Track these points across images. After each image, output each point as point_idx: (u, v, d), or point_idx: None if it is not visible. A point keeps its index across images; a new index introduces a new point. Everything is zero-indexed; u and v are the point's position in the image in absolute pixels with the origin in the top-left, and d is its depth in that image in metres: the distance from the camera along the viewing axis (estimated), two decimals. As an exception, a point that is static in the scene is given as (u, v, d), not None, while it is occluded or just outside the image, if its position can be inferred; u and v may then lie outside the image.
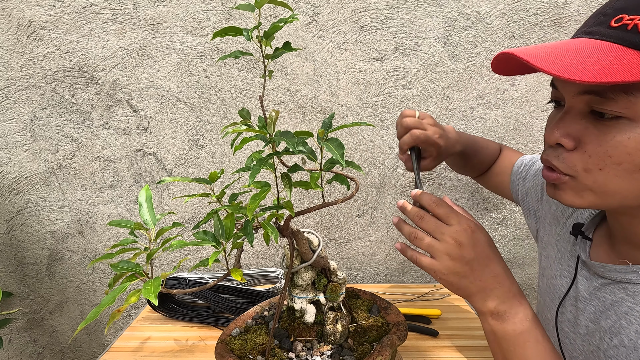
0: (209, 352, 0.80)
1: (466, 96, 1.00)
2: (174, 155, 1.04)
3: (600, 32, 0.39)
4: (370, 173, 1.05)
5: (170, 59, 0.97)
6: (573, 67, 0.35)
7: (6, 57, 0.96)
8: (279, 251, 1.12)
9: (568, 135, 0.42)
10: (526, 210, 0.71)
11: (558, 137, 0.42)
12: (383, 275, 1.14)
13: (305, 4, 0.94)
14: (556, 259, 0.60)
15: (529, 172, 0.70)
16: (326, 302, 0.63)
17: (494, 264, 0.47)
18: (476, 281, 0.46)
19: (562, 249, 0.59)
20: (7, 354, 1.17)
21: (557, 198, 0.46)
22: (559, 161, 0.43)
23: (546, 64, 0.36)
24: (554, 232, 0.62)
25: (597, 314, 0.49)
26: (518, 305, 0.46)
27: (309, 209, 0.53)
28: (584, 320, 0.51)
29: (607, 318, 0.47)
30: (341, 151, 0.44)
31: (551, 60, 0.37)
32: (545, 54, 0.38)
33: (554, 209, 0.63)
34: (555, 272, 0.59)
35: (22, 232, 1.09)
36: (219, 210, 0.47)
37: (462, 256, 0.45)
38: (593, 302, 0.50)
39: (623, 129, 0.38)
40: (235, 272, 0.42)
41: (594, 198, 0.43)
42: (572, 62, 0.36)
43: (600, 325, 0.48)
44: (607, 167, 0.40)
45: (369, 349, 0.58)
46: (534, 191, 0.68)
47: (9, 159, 1.03)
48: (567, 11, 0.94)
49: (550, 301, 0.60)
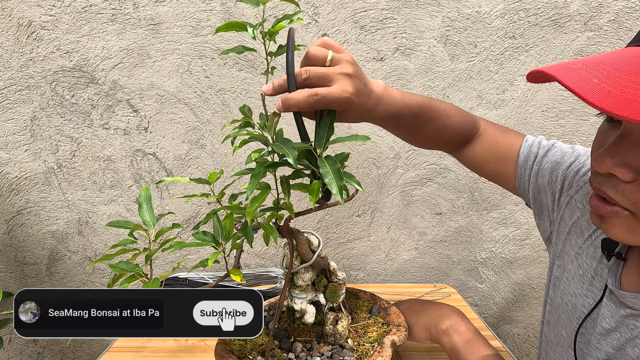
0: (208, 352, 0.80)
1: (466, 96, 1.00)
2: (174, 155, 1.04)
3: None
4: (370, 173, 1.05)
5: (170, 59, 0.97)
6: (622, 100, 0.28)
7: (6, 57, 0.96)
8: (278, 251, 1.12)
9: (624, 164, 0.35)
10: (537, 209, 0.61)
11: (611, 167, 0.36)
12: (383, 275, 1.14)
13: (305, 4, 0.94)
14: (576, 274, 0.53)
15: (542, 166, 0.59)
16: (326, 303, 0.63)
17: None
18: None
19: (585, 265, 0.52)
20: (7, 354, 1.17)
21: (605, 231, 0.40)
22: (618, 194, 0.37)
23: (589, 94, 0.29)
24: (574, 242, 0.54)
25: (622, 342, 0.45)
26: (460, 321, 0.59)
27: (308, 209, 0.53)
28: (605, 346, 0.46)
29: (635, 347, 0.43)
30: (340, 182, 0.40)
31: (607, 92, 0.29)
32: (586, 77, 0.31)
33: (577, 217, 0.54)
34: (576, 290, 0.53)
35: (22, 232, 1.09)
36: (219, 211, 0.47)
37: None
38: (620, 329, 0.45)
39: None
40: (234, 273, 0.42)
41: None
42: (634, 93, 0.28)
43: (626, 352, 0.44)
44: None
45: (369, 350, 0.58)
46: (550, 189, 0.58)
47: (9, 159, 1.03)
48: (567, 11, 0.93)
49: (566, 319, 0.54)
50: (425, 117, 0.57)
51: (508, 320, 1.17)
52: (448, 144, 0.65)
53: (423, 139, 0.62)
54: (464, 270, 1.13)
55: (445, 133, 0.61)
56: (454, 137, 0.62)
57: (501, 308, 1.17)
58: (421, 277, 1.14)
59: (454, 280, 1.14)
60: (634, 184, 0.35)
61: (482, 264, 1.13)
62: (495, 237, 1.10)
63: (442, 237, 1.11)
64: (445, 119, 0.59)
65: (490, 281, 1.14)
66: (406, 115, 0.55)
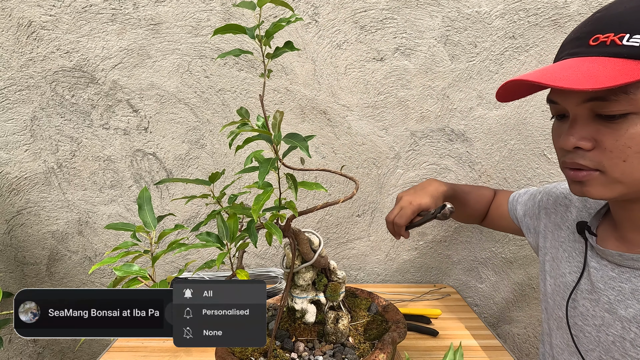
0: (209, 352, 0.80)
1: (466, 96, 1.00)
2: (174, 155, 1.04)
3: (583, 52, 0.45)
4: (370, 173, 1.05)
5: (170, 59, 0.97)
6: (581, 80, 0.41)
7: (6, 57, 0.96)
8: (279, 251, 1.12)
9: (583, 138, 0.47)
10: (526, 230, 0.77)
11: (575, 142, 0.47)
12: (383, 275, 1.14)
13: (305, 4, 0.94)
14: (563, 258, 0.63)
15: (522, 198, 0.79)
16: (326, 302, 0.63)
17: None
18: None
19: (569, 249, 0.62)
20: (7, 354, 1.17)
21: (586, 194, 0.49)
22: (585, 160, 0.47)
23: (560, 82, 0.42)
24: (557, 237, 0.66)
25: (613, 304, 0.51)
26: None
27: (310, 209, 0.53)
28: (599, 312, 0.53)
29: (627, 307, 0.50)
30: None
31: (560, 78, 0.43)
32: (551, 75, 0.44)
33: (553, 218, 0.69)
34: (565, 270, 0.62)
35: (22, 232, 1.09)
36: (222, 211, 0.46)
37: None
38: (607, 292, 0.53)
39: (633, 122, 0.43)
40: (241, 273, 0.42)
41: (622, 188, 0.47)
42: (577, 77, 0.42)
43: (619, 314, 0.50)
44: (630, 157, 0.44)
45: (370, 347, 0.58)
46: (531, 211, 0.75)
47: (9, 159, 1.03)
48: (567, 11, 0.94)
49: (561, 299, 0.61)
50: (463, 201, 0.85)
51: (508, 320, 1.17)
52: (481, 218, 0.90)
53: (466, 216, 0.89)
54: (464, 270, 1.13)
55: (476, 212, 0.88)
56: (481, 213, 0.89)
57: (501, 308, 1.17)
58: (421, 277, 1.14)
59: (454, 280, 1.14)
60: (594, 150, 0.46)
61: (482, 264, 1.13)
62: (495, 237, 1.10)
63: (442, 237, 1.11)
64: (474, 204, 0.86)
65: (490, 281, 1.14)
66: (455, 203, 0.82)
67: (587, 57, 0.44)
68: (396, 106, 1.00)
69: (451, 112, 1.01)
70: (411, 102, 1.00)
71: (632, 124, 0.43)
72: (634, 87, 0.41)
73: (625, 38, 0.41)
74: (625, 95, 0.42)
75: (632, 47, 0.41)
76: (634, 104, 0.42)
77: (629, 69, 0.40)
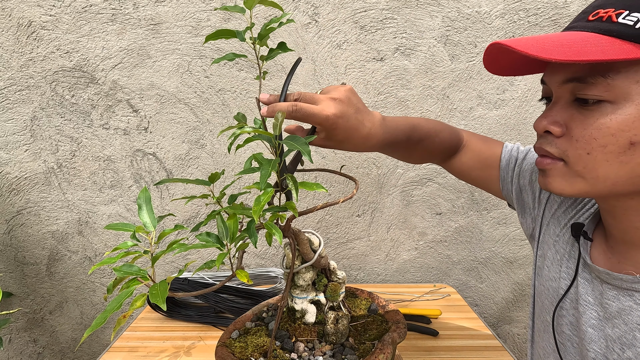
0: (209, 352, 0.80)
1: (466, 96, 1.00)
2: (174, 155, 1.04)
3: (579, 26, 0.43)
4: (370, 173, 1.05)
5: (170, 59, 0.97)
6: (550, 49, 0.39)
7: (6, 57, 0.96)
8: (278, 251, 1.12)
9: (555, 122, 0.44)
10: (520, 208, 0.67)
11: (546, 125, 0.45)
12: (383, 275, 1.14)
13: (305, 4, 0.94)
14: (554, 260, 0.59)
15: (522, 168, 0.66)
16: (326, 302, 0.63)
17: None
18: None
19: (561, 250, 0.59)
20: (7, 354, 1.17)
21: (547, 187, 0.47)
22: (551, 146, 0.45)
23: (526, 47, 0.39)
24: (552, 232, 0.62)
25: (600, 321, 0.49)
26: None
27: (310, 209, 0.53)
28: (583, 325, 0.51)
29: (614, 327, 0.47)
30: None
31: (530, 45, 0.40)
32: (526, 41, 0.41)
33: (555, 209, 0.62)
34: (554, 275, 0.58)
35: (22, 232, 1.09)
36: (222, 211, 0.46)
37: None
38: (595, 307, 0.50)
39: (605, 112, 0.40)
40: (241, 274, 0.42)
41: (583, 185, 0.44)
42: (550, 46, 0.39)
43: (605, 332, 0.48)
44: (594, 150, 0.42)
45: (370, 348, 0.58)
46: (531, 188, 0.65)
47: (9, 159, 1.03)
48: (567, 11, 0.94)
49: (549, 304, 0.59)
50: (416, 139, 0.65)
51: (508, 320, 1.17)
52: (438, 158, 0.73)
53: (416, 157, 0.70)
54: (464, 270, 1.13)
55: (435, 149, 0.69)
56: (442, 151, 0.70)
57: (501, 308, 1.17)
58: (421, 277, 1.14)
59: (454, 280, 1.14)
60: (563, 137, 0.44)
61: (482, 264, 1.13)
62: (495, 237, 1.10)
63: (442, 237, 1.11)
64: (434, 137, 0.67)
65: (490, 281, 1.14)
66: (401, 140, 0.62)
67: (579, 31, 0.42)
68: (396, 106, 1.00)
69: (451, 112, 1.01)
70: (411, 102, 1.00)
71: (603, 113, 0.40)
72: (613, 72, 0.39)
73: (623, 15, 0.39)
74: (603, 79, 0.39)
75: (624, 25, 0.38)
76: (611, 90, 0.39)
77: (608, 48, 0.37)
